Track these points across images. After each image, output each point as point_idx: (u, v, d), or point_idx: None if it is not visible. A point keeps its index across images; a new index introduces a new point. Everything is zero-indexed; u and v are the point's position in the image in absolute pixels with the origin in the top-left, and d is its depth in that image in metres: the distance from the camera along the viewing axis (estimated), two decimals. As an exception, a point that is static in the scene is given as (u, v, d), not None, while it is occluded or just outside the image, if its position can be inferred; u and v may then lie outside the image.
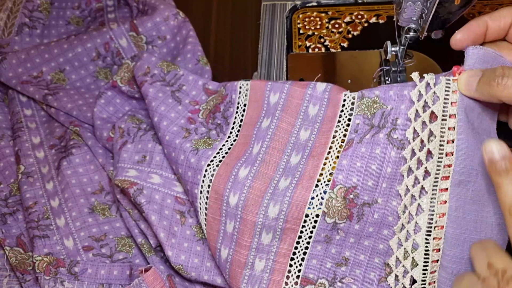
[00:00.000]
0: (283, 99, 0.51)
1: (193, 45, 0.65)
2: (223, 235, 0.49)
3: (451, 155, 0.44)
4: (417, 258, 0.45)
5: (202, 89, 0.57)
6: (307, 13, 0.65)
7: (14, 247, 0.55)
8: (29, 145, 0.62)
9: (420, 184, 0.45)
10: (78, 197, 0.58)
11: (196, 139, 0.53)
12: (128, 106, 0.63)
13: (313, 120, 0.50)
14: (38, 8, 0.72)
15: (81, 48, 0.66)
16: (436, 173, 0.44)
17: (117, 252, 0.55)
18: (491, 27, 0.46)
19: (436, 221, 0.45)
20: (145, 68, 0.58)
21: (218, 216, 0.49)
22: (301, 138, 0.50)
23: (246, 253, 0.48)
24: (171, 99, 0.56)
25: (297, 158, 0.49)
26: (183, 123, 0.55)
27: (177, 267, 0.51)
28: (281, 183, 0.47)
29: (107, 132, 0.61)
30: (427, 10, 0.48)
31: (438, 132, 0.44)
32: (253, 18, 0.73)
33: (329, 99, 0.50)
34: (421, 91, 0.45)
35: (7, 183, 0.60)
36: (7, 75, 0.64)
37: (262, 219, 0.47)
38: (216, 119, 0.55)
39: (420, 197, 0.45)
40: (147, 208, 0.51)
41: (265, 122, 0.51)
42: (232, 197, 0.48)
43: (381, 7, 0.64)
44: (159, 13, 0.66)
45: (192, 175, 0.51)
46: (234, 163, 0.49)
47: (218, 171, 0.49)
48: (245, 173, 0.48)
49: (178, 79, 0.58)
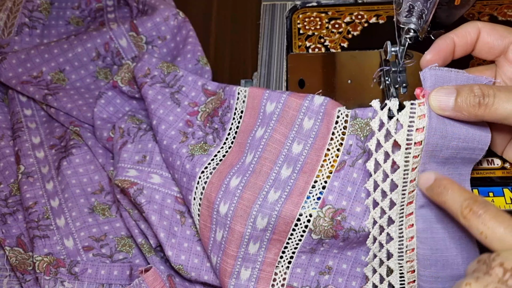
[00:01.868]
0: (279, 109, 0.50)
1: (193, 45, 0.65)
2: (213, 242, 0.49)
3: (414, 181, 0.43)
4: (393, 281, 0.46)
5: (201, 90, 0.57)
6: (307, 13, 0.64)
7: (14, 247, 0.55)
8: (29, 145, 0.62)
9: (387, 215, 0.44)
10: (78, 197, 0.58)
11: (192, 144, 0.53)
12: (128, 106, 0.63)
13: (307, 134, 0.49)
14: (38, 8, 0.72)
15: (81, 48, 0.66)
16: (401, 201, 0.44)
17: (117, 252, 0.55)
18: (458, 44, 0.46)
19: (407, 245, 0.45)
20: (145, 70, 0.58)
21: (209, 223, 0.49)
22: (294, 151, 0.49)
23: (232, 262, 0.48)
24: (170, 101, 0.56)
25: (288, 171, 0.49)
26: (181, 127, 0.55)
27: (177, 267, 0.51)
28: (270, 195, 0.47)
29: (107, 132, 0.61)
30: (427, 10, 0.48)
31: (402, 163, 0.42)
32: (253, 18, 0.73)
33: (324, 114, 0.49)
34: (382, 119, 0.43)
35: (7, 183, 0.60)
36: (7, 75, 0.64)
37: (250, 230, 0.47)
38: (213, 123, 0.55)
39: (388, 227, 0.45)
40: (147, 208, 0.51)
41: (259, 131, 0.51)
42: (222, 206, 0.48)
43: (381, 7, 0.64)
44: (159, 13, 0.66)
45: (187, 181, 0.51)
46: (227, 172, 0.49)
47: (211, 178, 0.49)
48: (236, 183, 0.48)
49: (178, 80, 0.58)
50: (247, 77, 0.66)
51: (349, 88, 0.58)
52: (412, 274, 0.45)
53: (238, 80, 0.66)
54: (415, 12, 0.49)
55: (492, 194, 0.48)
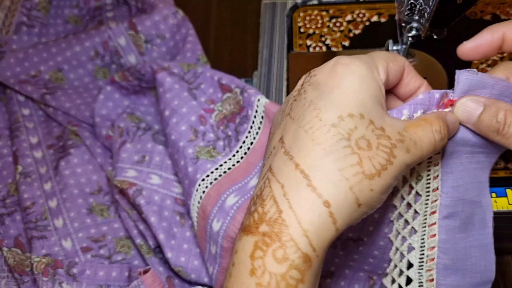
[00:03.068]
0: None
1: (192, 44, 0.65)
2: (208, 253, 0.48)
3: (437, 190, 0.42)
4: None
5: (218, 85, 0.55)
6: (307, 11, 0.64)
7: (12, 248, 0.55)
8: (27, 145, 0.61)
9: (410, 226, 0.44)
10: (77, 197, 0.58)
11: (200, 146, 0.51)
12: (127, 101, 0.62)
13: None
14: (36, 7, 0.72)
15: (79, 47, 0.65)
16: (424, 211, 0.43)
17: (116, 253, 0.55)
18: (509, 39, 0.39)
19: (428, 254, 0.44)
20: (166, 65, 0.57)
21: (204, 235, 0.48)
22: None
23: None
24: (186, 93, 0.54)
25: None
26: (193, 121, 0.53)
27: (177, 269, 0.50)
28: None
29: (106, 130, 0.60)
30: (429, 8, 0.47)
31: (425, 173, 0.41)
32: (253, 17, 0.72)
33: None
34: None
35: (5, 183, 0.60)
36: (5, 74, 0.64)
37: None
38: (228, 128, 0.53)
39: (410, 237, 0.44)
40: (147, 209, 0.51)
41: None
42: (215, 222, 0.47)
43: (383, 5, 0.64)
44: (158, 11, 0.66)
45: (188, 185, 0.50)
46: (227, 187, 0.48)
47: (209, 190, 0.48)
48: (232, 202, 0.47)
49: (197, 78, 0.56)
50: (247, 76, 0.66)
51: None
52: (431, 283, 0.45)
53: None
54: (417, 10, 0.48)
55: (495, 194, 0.48)
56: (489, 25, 0.60)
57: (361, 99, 0.33)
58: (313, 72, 0.36)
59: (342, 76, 0.34)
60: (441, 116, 0.37)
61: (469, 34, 0.60)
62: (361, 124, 0.32)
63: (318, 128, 0.32)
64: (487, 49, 0.40)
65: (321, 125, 0.32)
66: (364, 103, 0.33)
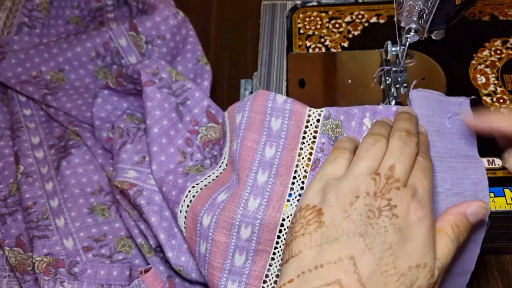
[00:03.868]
0: (246, 117, 0.50)
1: (193, 44, 0.65)
2: (198, 255, 0.48)
3: None
4: None
5: (205, 111, 0.57)
6: (307, 12, 0.64)
7: (14, 247, 0.55)
8: (28, 145, 0.62)
9: None
10: (78, 197, 0.58)
11: (189, 166, 0.53)
12: (126, 103, 0.62)
13: (277, 135, 0.49)
14: (37, 7, 0.72)
15: (80, 47, 0.66)
16: None
17: (117, 252, 0.55)
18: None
19: None
20: (154, 68, 0.57)
21: (194, 236, 0.48)
22: (267, 155, 0.48)
23: (218, 274, 0.47)
24: (174, 113, 0.56)
25: (264, 176, 0.48)
26: (180, 144, 0.55)
27: (178, 269, 0.51)
28: (250, 203, 0.46)
29: (106, 132, 0.60)
30: (427, 10, 0.47)
31: None
32: (253, 18, 0.73)
33: (291, 112, 0.49)
34: None
35: (6, 183, 0.60)
36: (6, 74, 0.64)
37: (235, 240, 0.46)
38: (213, 150, 0.55)
39: None
40: (147, 210, 0.51)
41: (234, 145, 0.50)
42: (205, 218, 0.47)
43: (382, 6, 0.64)
44: (159, 12, 0.66)
45: (175, 195, 0.50)
46: (217, 188, 0.49)
47: (200, 193, 0.49)
48: (223, 198, 0.48)
49: (185, 91, 0.57)
50: (247, 77, 0.66)
51: (350, 88, 0.58)
52: None
53: (238, 80, 0.66)
54: (415, 11, 0.49)
55: (493, 194, 0.48)
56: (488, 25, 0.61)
57: (428, 249, 0.38)
58: (393, 202, 0.39)
59: (418, 226, 0.38)
60: (455, 219, 0.41)
61: (469, 34, 0.60)
62: (421, 273, 0.37)
63: (391, 274, 0.36)
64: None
65: (394, 273, 0.36)
66: (429, 251, 0.38)
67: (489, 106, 0.54)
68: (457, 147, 0.48)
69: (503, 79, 0.56)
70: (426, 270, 0.37)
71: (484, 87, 0.55)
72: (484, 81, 0.56)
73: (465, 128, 0.49)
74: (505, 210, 0.47)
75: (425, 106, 0.49)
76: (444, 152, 0.47)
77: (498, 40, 0.59)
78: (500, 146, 0.46)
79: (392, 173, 0.40)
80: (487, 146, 0.49)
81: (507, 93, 0.55)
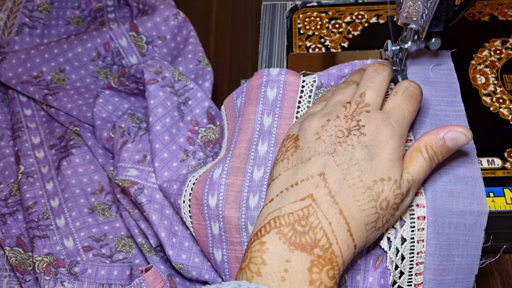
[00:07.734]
0: (244, 97, 0.52)
1: (194, 45, 0.65)
2: (211, 238, 0.49)
3: (421, 253, 0.45)
4: None
5: (205, 112, 0.58)
6: (307, 13, 0.64)
7: (14, 247, 0.55)
8: (29, 145, 0.62)
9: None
10: (78, 197, 0.58)
11: (192, 165, 0.54)
12: (127, 103, 0.62)
13: (273, 104, 0.51)
14: (38, 8, 0.72)
15: (81, 48, 0.66)
16: (409, 271, 0.46)
17: (117, 252, 0.55)
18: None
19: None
20: (158, 67, 0.58)
21: (202, 221, 0.49)
22: (265, 124, 0.50)
23: (240, 248, 0.48)
24: (176, 111, 0.57)
25: (264, 146, 0.49)
26: (182, 142, 0.56)
27: (178, 267, 0.51)
28: (255, 174, 0.48)
29: (107, 132, 0.60)
30: (427, 10, 0.47)
31: (409, 236, 0.45)
32: (253, 18, 0.73)
33: (285, 82, 0.51)
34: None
35: (7, 183, 0.60)
36: (7, 75, 0.64)
37: (245, 212, 0.47)
38: (215, 148, 0.56)
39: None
40: (148, 208, 0.51)
41: (238, 124, 0.52)
42: (211, 198, 0.48)
43: (382, 7, 0.64)
44: (159, 13, 0.66)
45: (177, 188, 0.51)
46: (212, 168, 0.50)
47: (199, 178, 0.50)
48: (218, 173, 0.48)
49: (187, 91, 0.58)
50: (247, 77, 0.66)
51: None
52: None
53: (238, 80, 0.66)
54: (415, 12, 0.49)
55: (493, 194, 0.48)
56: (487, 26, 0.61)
57: (393, 165, 0.41)
58: (361, 123, 0.42)
59: (385, 144, 0.41)
60: (430, 140, 0.43)
61: (468, 34, 0.60)
62: (386, 186, 0.40)
63: (358, 187, 0.39)
64: None
65: (361, 186, 0.39)
66: (394, 167, 0.41)
67: (489, 106, 0.54)
68: (441, 94, 0.52)
69: (503, 79, 0.56)
70: (391, 183, 0.40)
71: (484, 87, 0.55)
72: (484, 81, 0.56)
73: (447, 76, 0.53)
74: (505, 210, 0.47)
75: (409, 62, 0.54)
76: (430, 99, 0.51)
77: (498, 40, 0.59)
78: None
79: (362, 99, 0.43)
80: (487, 146, 0.50)
81: (507, 93, 0.55)
